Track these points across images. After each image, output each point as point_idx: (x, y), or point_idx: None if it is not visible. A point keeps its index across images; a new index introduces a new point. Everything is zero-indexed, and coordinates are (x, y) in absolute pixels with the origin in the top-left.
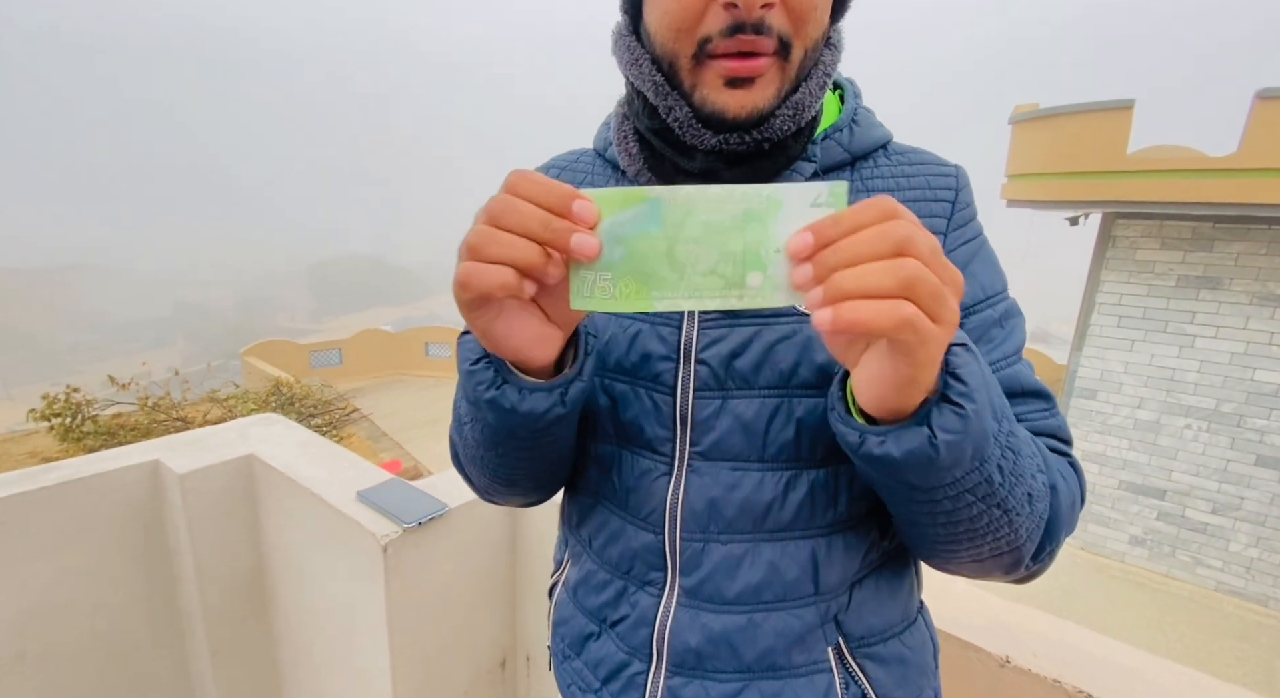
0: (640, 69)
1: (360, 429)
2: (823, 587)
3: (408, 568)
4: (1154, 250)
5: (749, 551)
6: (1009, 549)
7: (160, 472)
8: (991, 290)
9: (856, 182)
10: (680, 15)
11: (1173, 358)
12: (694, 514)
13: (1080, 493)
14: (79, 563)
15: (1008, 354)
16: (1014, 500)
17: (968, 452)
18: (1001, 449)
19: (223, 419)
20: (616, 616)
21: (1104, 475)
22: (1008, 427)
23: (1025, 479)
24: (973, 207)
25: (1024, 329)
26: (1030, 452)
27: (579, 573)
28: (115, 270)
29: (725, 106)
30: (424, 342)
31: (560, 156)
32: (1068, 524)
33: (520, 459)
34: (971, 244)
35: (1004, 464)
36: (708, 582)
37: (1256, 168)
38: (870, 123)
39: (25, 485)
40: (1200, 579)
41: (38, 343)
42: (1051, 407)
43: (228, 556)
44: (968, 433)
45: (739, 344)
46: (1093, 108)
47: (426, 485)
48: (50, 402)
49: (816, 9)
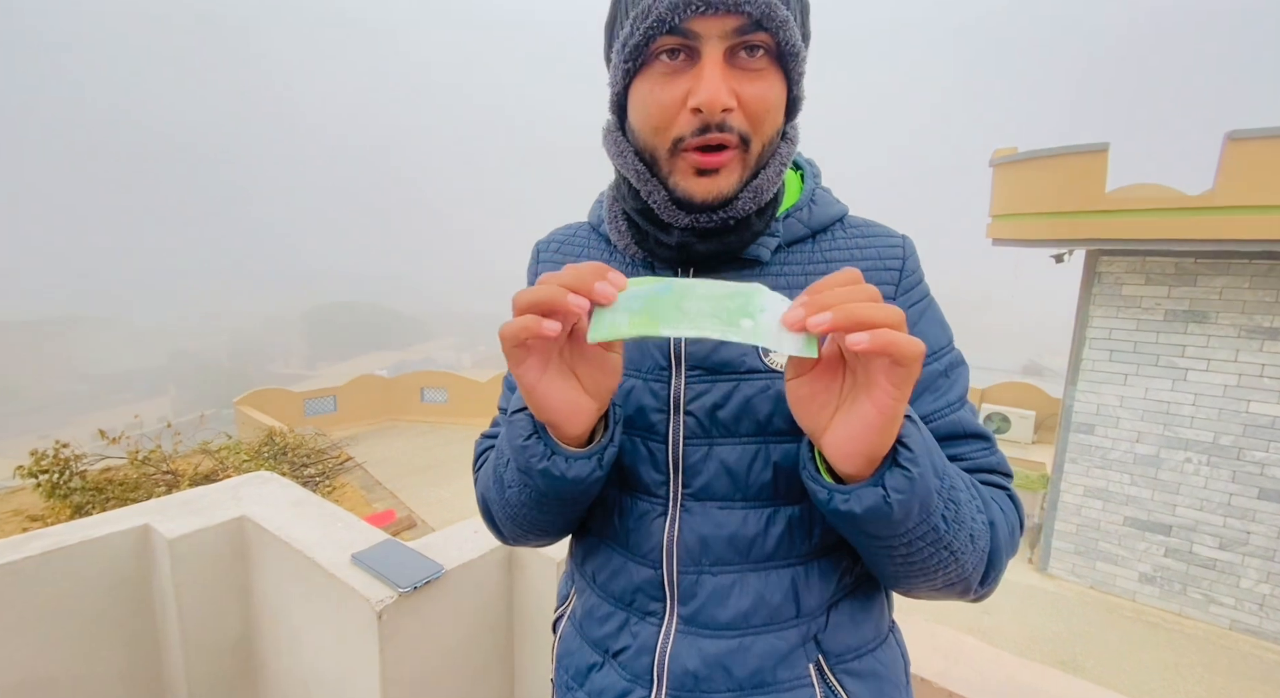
0: (625, 160)
1: (354, 478)
2: (803, 610)
3: (403, 635)
4: (1139, 285)
5: (738, 581)
6: (959, 580)
7: (149, 536)
8: (937, 345)
9: (817, 252)
10: (659, 117)
11: (1166, 391)
12: (688, 550)
13: (1019, 520)
14: (62, 635)
15: (951, 402)
16: (958, 543)
17: (915, 507)
18: (944, 502)
19: (214, 471)
20: (619, 646)
21: (1108, 512)
22: (949, 482)
23: (966, 523)
24: (919, 271)
25: (967, 378)
26: (969, 498)
27: (584, 607)
28: (109, 320)
29: (694, 192)
30: (419, 387)
31: (560, 230)
32: (1008, 550)
33: (559, 513)
34: (919, 305)
35: (947, 514)
36: (702, 610)
37: (1232, 205)
38: (827, 201)
39: (9, 556)
40: (1214, 618)
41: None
42: (990, 446)
43: (216, 623)
44: (914, 492)
45: (721, 397)
46: (1069, 151)
47: (422, 546)
48: (38, 457)
49: (770, 111)
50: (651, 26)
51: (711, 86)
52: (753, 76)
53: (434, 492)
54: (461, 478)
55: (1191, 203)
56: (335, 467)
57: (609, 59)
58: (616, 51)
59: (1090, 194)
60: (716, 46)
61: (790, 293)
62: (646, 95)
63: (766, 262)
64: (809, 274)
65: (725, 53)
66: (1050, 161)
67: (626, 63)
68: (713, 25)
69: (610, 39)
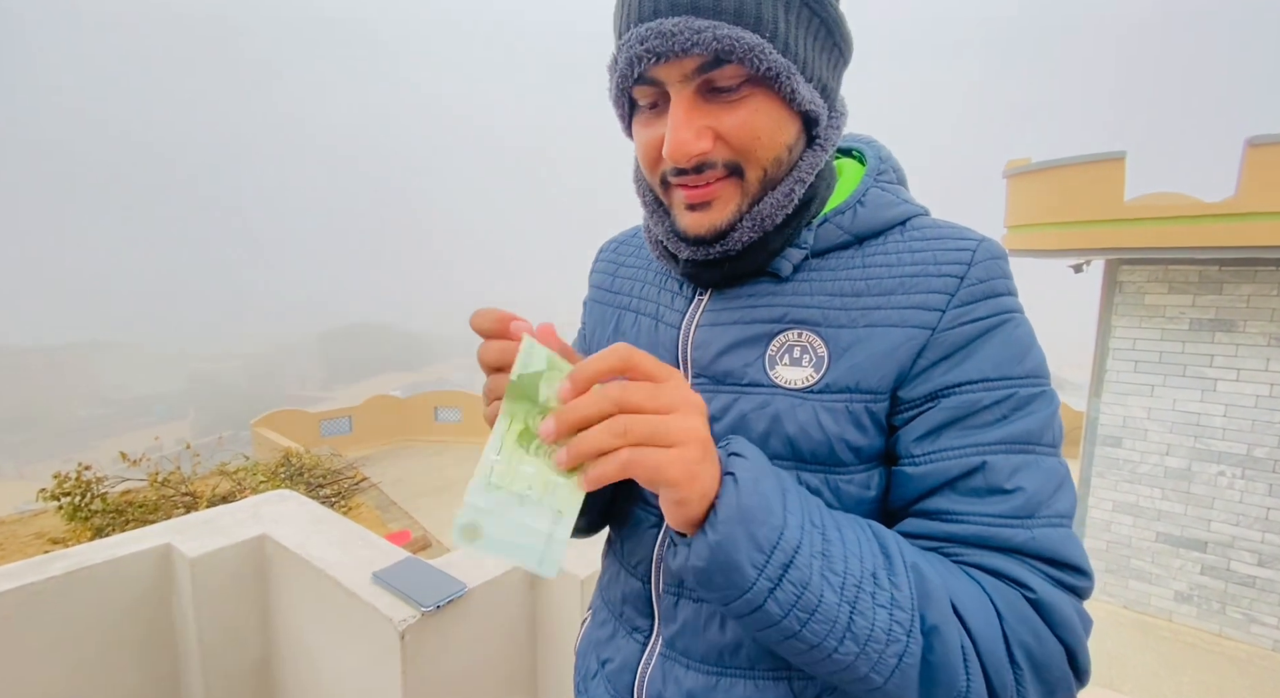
0: (640, 190)
1: (369, 498)
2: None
3: (426, 656)
4: (1162, 294)
5: (718, 612)
6: (874, 689)
7: (171, 556)
8: (995, 374)
9: (858, 260)
10: (647, 155)
11: (1196, 402)
12: (669, 568)
13: (1056, 640)
14: (83, 656)
15: (985, 442)
16: (814, 636)
17: (717, 578)
18: (773, 583)
19: (231, 492)
20: (607, 656)
21: (1139, 528)
22: (782, 558)
23: (829, 616)
24: (993, 283)
25: (1039, 422)
26: (858, 589)
27: (595, 612)
28: (130, 345)
29: (688, 227)
30: (433, 406)
31: (626, 230)
32: (995, 675)
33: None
34: (981, 323)
35: (780, 597)
36: (680, 636)
37: (1256, 211)
38: (883, 202)
39: (32, 577)
40: (1256, 639)
41: (52, 420)
42: (1023, 516)
43: (236, 644)
44: (713, 560)
45: (718, 409)
46: (1086, 160)
47: (444, 564)
48: (61, 480)
49: (759, 136)
50: (620, 80)
51: (675, 137)
52: (731, 107)
53: (448, 511)
54: None
55: (1213, 210)
56: (351, 487)
57: None
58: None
59: (1109, 203)
60: (681, 90)
61: (808, 312)
62: (637, 137)
63: (787, 276)
64: (838, 291)
65: (697, 88)
66: (1066, 171)
67: (617, 110)
68: (672, 71)
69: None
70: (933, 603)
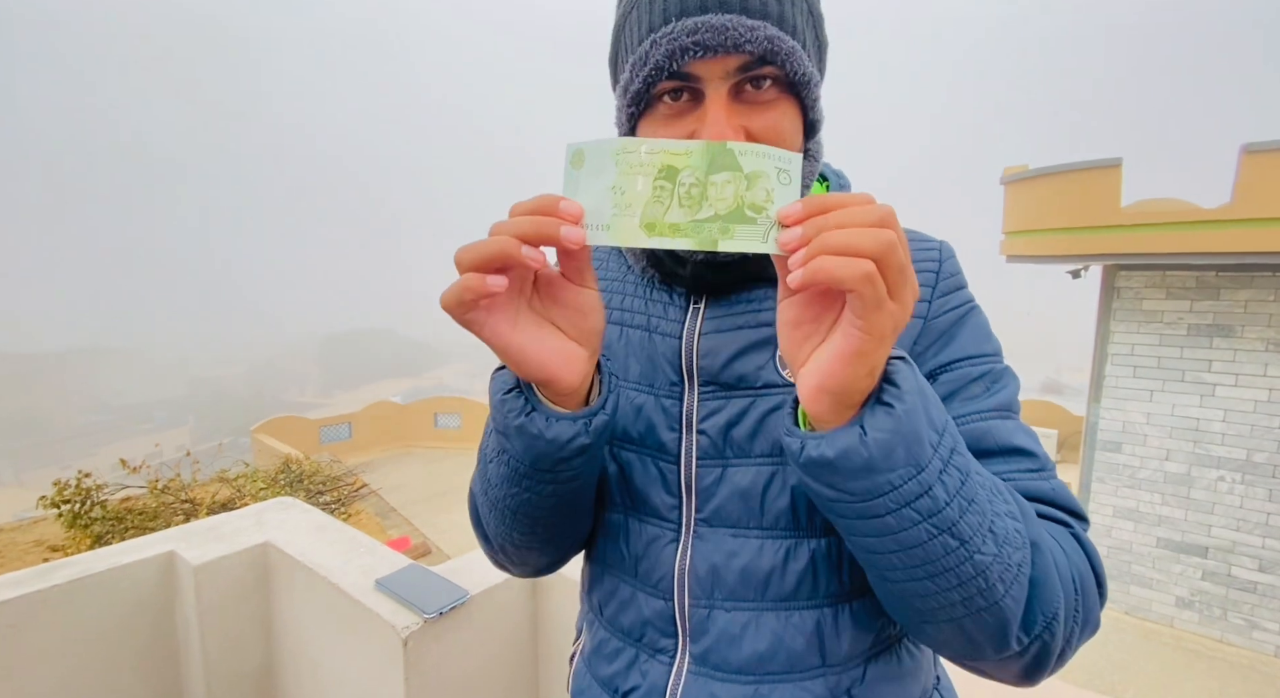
0: None
1: (369, 505)
2: (830, 659)
3: (428, 662)
4: (1160, 300)
5: (752, 619)
6: (986, 606)
7: (174, 563)
8: (976, 352)
9: None
10: None
11: (1195, 407)
12: (698, 580)
13: (1093, 573)
14: (87, 664)
15: (983, 409)
16: (968, 529)
17: (899, 452)
18: (943, 464)
19: (231, 499)
20: (628, 686)
21: (1140, 533)
22: (950, 442)
23: (981, 509)
24: (959, 277)
25: (1012, 393)
26: (992, 490)
27: (593, 642)
28: (130, 352)
29: None
30: (433, 412)
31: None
32: (1068, 599)
33: (541, 497)
34: (956, 311)
35: (947, 480)
36: (714, 650)
37: (1252, 217)
38: None
39: (36, 585)
40: (1258, 644)
41: (52, 426)
42: (1039, 468)
43: (238, 651)
44: (898, 431)
45: (735, 414)
46: (1083, 166)
47: (446, 571)
48: (61, 488)
49: (785, 141)
50: (651, 73)
51: (716, 131)
52: (762, 109)
53: (448, 517)
54: None
55: (1210, 216)
56: (350, 494)
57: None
58: (619, 95)
59: (1106, 209)
60: (719, 87)
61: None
62: (656, 135)
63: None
64: None
65: (730, 89)
66: (1064, 178)
67: (630, 107)
68: (714, 67)
69: (614, 75)
70: (1029, 519)
